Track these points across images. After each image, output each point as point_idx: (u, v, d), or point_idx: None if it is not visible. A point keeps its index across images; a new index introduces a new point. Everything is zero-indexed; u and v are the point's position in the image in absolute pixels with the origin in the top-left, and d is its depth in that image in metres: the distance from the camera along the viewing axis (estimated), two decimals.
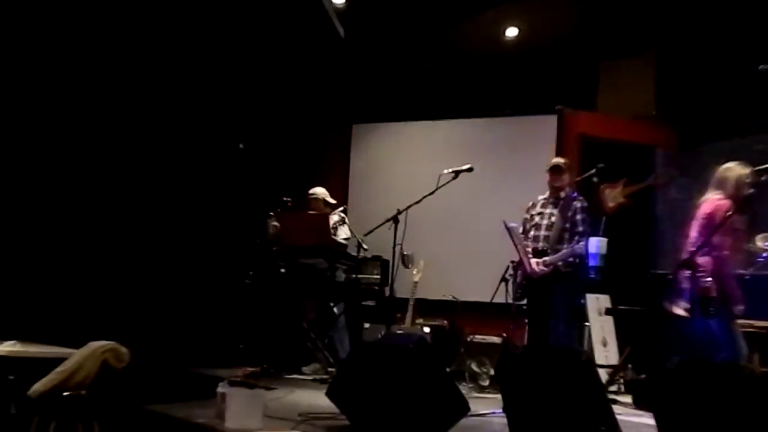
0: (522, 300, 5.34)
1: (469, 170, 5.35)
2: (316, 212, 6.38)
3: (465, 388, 5.42)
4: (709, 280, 4.13)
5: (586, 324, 6.10)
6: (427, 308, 6.66)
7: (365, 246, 6.03)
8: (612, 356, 6.06)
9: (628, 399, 5.33)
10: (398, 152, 7.81)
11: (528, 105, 7.30)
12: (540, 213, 5.27)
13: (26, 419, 2.94)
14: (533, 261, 5.10)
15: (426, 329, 6.36)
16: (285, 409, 4.22)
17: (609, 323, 6.19)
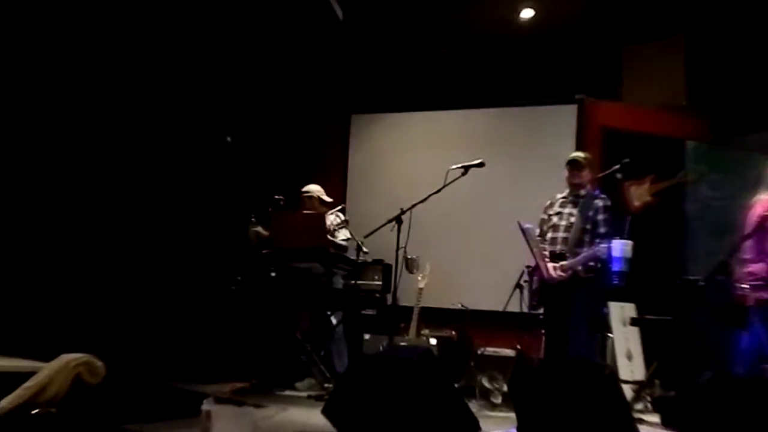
0: (538, 309, 5.34)
1: (480, 165, 5.34)
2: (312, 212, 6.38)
3: (475, 406, 5.41)
4: (747, 288, 4.15)
5: (609, 335, 6.09)
6: (434, 318, 6.66)
7: (365, 249, 6.02)
8: (638, 371, 6.05)
9: (656, 418, 5.31)
10: (402, 146, 7.81)
11: (545, 94, 7.30)
12: (558, 213, 5.28)
13: None
14: (550, 266, 5.10)
15: (432, 341, 6.35)
16: (277, 429, 4.22)
17: (634, 334, 6.19)
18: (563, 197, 5.33)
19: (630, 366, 6.08)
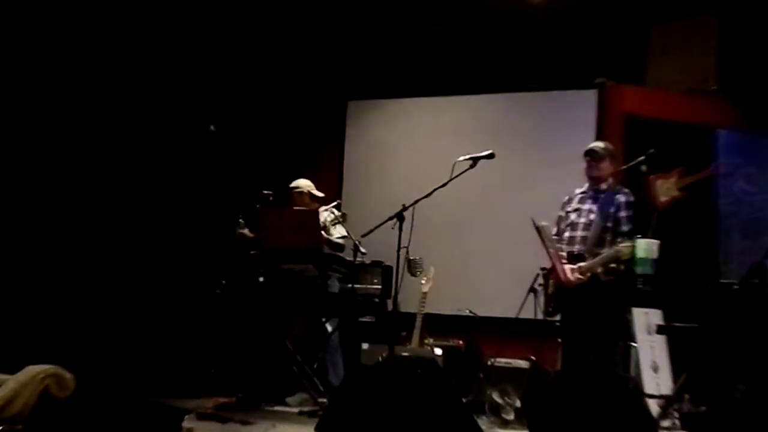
0: (554, 315, 5.34)
1: (490, 157, 5.34)
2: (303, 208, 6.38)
3: (485, 423, 5.43)
4: None
5: (633, 344, 6.10)
6: (439, 325, 6.66)
7: (363, 249, 6.02)
8: (664, 384, 6.06)
9: None
10: (403, 135, 7.81)
11: (562, 78, 7.29)
12: (577, 209, 5.28)
13: None
14: (568, 268, 5.10)
15: (437, 351, 6.35)
16: None
17: (661, 344, 6.19)
18: (582, 192, 5.33)
19: (656, 378, 6.08)
